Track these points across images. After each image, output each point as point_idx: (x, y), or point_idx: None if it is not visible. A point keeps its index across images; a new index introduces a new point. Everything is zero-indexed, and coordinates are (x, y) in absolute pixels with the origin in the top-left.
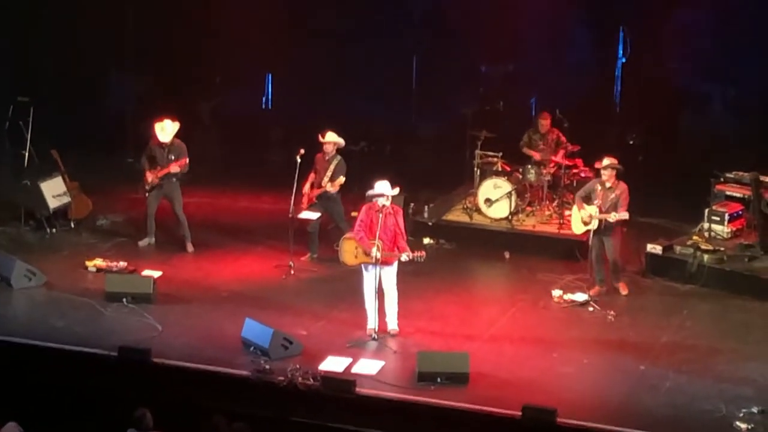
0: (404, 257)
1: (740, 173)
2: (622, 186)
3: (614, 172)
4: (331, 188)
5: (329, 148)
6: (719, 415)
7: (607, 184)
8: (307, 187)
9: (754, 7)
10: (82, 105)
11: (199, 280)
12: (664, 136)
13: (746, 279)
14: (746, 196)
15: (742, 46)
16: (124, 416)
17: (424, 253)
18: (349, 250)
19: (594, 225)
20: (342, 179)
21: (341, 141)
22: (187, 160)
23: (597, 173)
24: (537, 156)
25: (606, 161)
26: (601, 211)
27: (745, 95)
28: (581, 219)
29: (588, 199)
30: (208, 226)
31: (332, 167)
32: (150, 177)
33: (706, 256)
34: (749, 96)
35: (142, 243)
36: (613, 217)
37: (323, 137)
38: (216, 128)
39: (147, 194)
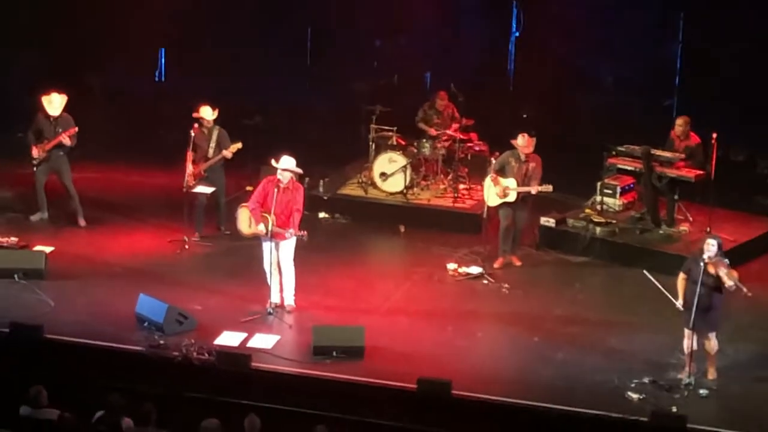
0: (288, 234)
1: (632, 147)
2: (536, 159)
3: (530, 147)
4: (228, 154)
5: (208, 123)
6: (611, 386)
7: (522, 157)
8: (189, 166)
9: None
10: None
11: (91, 255)
12: (557, 110)
13: (638, 251)
14: (638, 170)
15: (632, 22)
16: (17, 394)
17: (305, 232)
18: (244, 219)
19: (512, 197)
20: (239, 144)
21: (215, 113)
22: (76, 129)
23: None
24: (432, 132)
25: (521, 140)
26: (518, 184)
27: (635, 69)
28: (497, 192)
29: (501, 172)
30: (101, 201)
31: (214, 138)
32: (36, 151)
33: (598, 229)
34: (640, 71)
35: (35, 218)
36: (534, 189)
37: (198, 112)
38: (107, 102)
39: (35, 169)
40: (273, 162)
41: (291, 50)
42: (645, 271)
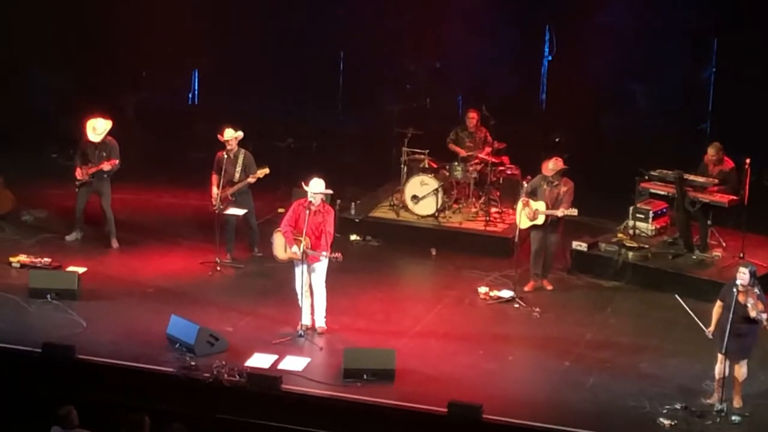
0: (322, 256)
1: (664, 171)
2: (569, 183)
3: (553, 170)
4: (253, 179)
5: (232, 145)
6: (643, 411)
7: (554, 181)
8: (215, 190)
9: (675, 8)
10: (3, 100)
11: (124, 276)
12: (589, 134)
13: (670, 276)
14: (670, 194)
15: (664, 46)
16: (48, 414)
17: (340, 254)
18: (280, 244)
19: (540, 220)
20: (266, 169)
21: (240, 134)
22: (118, 161)
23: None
24: (463, 153)
25: (551, 164)
26: (548, 207)
27: (668, 94)
28: (527, 215)
29: (534, 195)
30: (133, 222)
31: (240, 161)
32: (79, 174)
33: (630, 254)
34: (672, 95)
35: (70, 237)
36: (560, 212)
37: (222, 135)
38: (141, 123)
39: (77, 189)
40: (303, 185)
41: (323, 72)
42: (677, 296)
